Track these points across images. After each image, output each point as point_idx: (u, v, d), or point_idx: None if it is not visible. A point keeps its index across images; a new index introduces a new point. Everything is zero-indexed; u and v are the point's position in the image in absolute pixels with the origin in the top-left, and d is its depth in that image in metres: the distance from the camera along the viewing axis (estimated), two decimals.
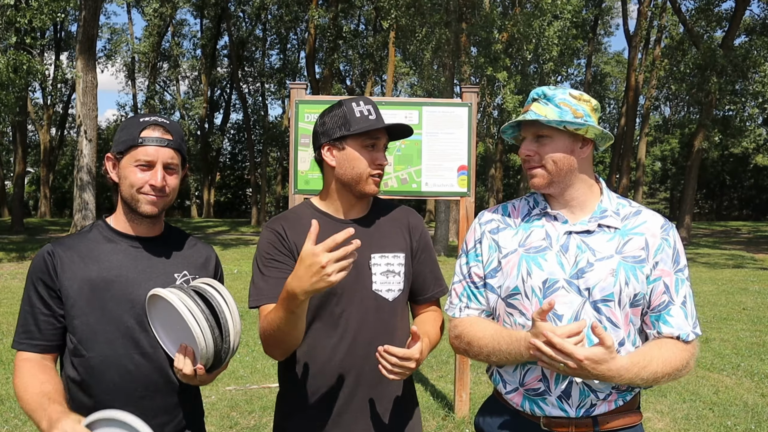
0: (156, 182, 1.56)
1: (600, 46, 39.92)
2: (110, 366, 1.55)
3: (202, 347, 1.45)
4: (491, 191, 29.03)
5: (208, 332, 1.46)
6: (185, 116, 38.06)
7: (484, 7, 18.34)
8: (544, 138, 1.58)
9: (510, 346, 1.53)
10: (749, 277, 12.73)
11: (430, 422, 4.29)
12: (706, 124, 20.20)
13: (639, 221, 1.59)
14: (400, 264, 1.74)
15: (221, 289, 1.54)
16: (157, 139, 1.57)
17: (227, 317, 1.50)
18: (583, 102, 1.59)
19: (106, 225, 1.66)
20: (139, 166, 1.56)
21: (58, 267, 1.55)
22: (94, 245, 1.61)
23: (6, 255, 14.86)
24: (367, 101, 1.71)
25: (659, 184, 47.36)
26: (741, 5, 19.67)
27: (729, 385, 5.23)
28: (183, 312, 1.44)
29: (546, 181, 1.59)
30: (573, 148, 1.58)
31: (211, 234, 22.87)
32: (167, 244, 1.69)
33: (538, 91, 1.62)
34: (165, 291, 1.49)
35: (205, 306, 1.48)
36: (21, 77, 13.43)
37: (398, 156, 4.03)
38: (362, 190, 1.70)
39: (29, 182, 39.84)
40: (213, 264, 1.76)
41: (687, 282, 1.58)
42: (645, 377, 1.45)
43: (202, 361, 1.48)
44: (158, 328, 1.58)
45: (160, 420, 1.60)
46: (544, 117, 1.55)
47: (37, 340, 1.57)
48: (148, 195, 1.57)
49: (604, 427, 1.54)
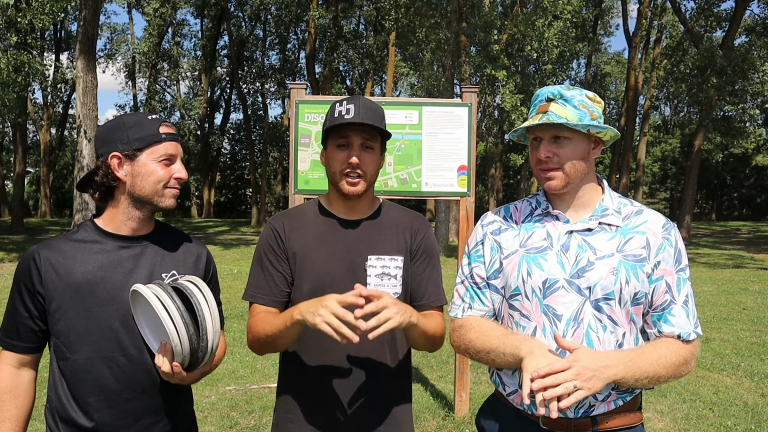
0: (183, 175, 1.63)
1: (600, 46, 39.92)
2: (95, 368, 1.55)
3: (177, 345, 1.43)
4: (491, 191, 29.02)
5: (183, 330, 1.42)
6: (185, 116, 38.07)
7: (484, 7, 18.35)
8: (563, 140, 1.56)
9: (508, 349, 1.52)
10: (749, 277, 12.73)
11: (430, 422, 4.29)
12: (706, 124, 20.20)
13: (640, 220, 1.60)
14: (398, 267, 1.72)
15: (203, 286, 1.51)
16: (173, 135, 1.63)
17: (205, 315, 1.46)
18: (596, 104, 1.60)
19: (94, 225, 1.64)
20: (162, 162, 1.60)
21: (42, 270, 1.55)
22: (81, 246, 1.60)
23: (6, 255, 14.86)
24: (353, 100, 1.67)
25: (659, 184, 47.35)
26: (741, 5, 19.66)
27: (729, 385, 5.23)
28: (157, 308, 1.42)
29: (563, 183, 1.58)
30: (588, 150, 1.59)
31: (211, 234, 22.87)
32: (156, 243, 1.67)
33: (553, 90, 1.59)
34: (143, 287, 1.47)
35: (182, 303, 1.44)
36: (22, 77, 13.43)
37: (398, 156, 4.04)
38: (341, 190, 1.69)
39: (29, 182, 39.85)
40: (204, 262, 1.74)
41: (688, 281, 1.58)
42: (642, 369, 1.45)
43: (178, 359, 1.46)
44: (143, 326, 1.56)
45: (146, 421, 1.61)
46: (565, 119, 1.54)
47: (17, 341, 1.60)
48: (173, 188, 1.62)
49: (603, 426, 1.54)
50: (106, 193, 1.62)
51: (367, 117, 1.64)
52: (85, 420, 1.56)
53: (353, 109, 1.64)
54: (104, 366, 1.55)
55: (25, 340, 1.60)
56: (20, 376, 1.62)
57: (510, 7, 19.06)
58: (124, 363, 1.57)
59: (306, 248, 1.72)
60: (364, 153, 1.68)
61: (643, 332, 1.60)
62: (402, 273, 1.73)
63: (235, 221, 32.33)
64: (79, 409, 1.56)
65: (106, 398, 1.56)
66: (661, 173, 45.62)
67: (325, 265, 1.70)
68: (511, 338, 1.54)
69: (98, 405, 1.56)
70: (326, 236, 1.73)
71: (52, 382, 1.60)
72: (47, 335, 1.61)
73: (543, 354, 1.44)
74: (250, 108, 34.52)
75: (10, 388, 1.59)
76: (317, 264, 1.70)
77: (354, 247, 1.71)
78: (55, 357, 1.59)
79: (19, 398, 1.60)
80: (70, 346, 1.55)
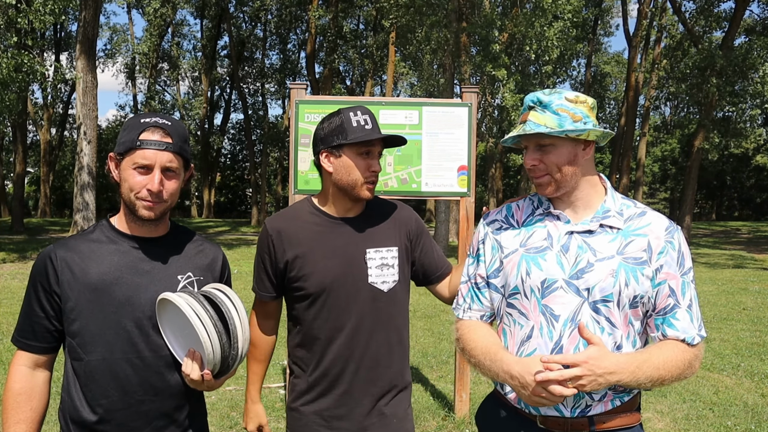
0: (153, 187, 1.52)
1: (600, 46, 39.91)
2: (109, 369, 1.54)
3: (209, 353, 1.45)
4: (491, 191, 29.01)
5: (216, 338, 1.46)
6: (185, 116, 38.06)
7: (484, 7, 18.35)
8: (546, 147, 1.57)
9: (493, 365, 1.56)
10: (749, 277, 12.73)
11: (430, 422, 4.29)
12: (706, 124, 20.20)
13: (643, 222, 1.58)
14: (394, 257, 1.86)
15: (231, 295, 1.53)
16: (155, 142, 1.52)
17: (236, 323, 1.49)
18: (579, 104, 1.57)
19: (110, 225, 1.63)
20: (137, 170, 1.52)
21: (59, 270, 1.54)
22: (96, 246, 1.58)
23: (6, 255, 14.86)
24: (365, 111, 1.80)
25: (659, 184, 47.34)
26: (741, 5, 19.65)
27: (729, 385, 5.23)
28: (191, 317, 1.43)
29: (553, 188, 1.60)
30: (576, 153, 1.58)
31: (211, 234, 22.88)
32: (171, 244, 1.65)
33: (532, 97, 1.60)
34: (174, 296, 1.48)
35: (214, 312, 1.48)
36: (23, 77, 13.44)
37: (398, 156, 4.04)
38: (357, 195, 1.81)
39: (29, 182, 39.84)
40: (220, 265, 1.73)
41: (692, 284, 1.57)
42: (646, 374, 1.45)
43: (209, 366, 1.49)
44: (168, 332, 1.57)
45: (159, 423, 1.60)
46: (544, 126, 1.54)
47: (32, 341, 1.58)
48: (144, 200, 1.53)
49: (600, 426, 1.54)
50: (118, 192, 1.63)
51: (379, 128, 1.81)
52: (97, 421, 1.55)
53: (370, 121, 1.79)
54: (118, 367, 1.54)
55: (41, 340, 1.58)
56: (35, 377, 1.60)
57: (510, 7, 19.05)
58: (139, 365, 1.56)
59: (305, 249, 1.81)
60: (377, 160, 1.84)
61: (642, 335, 1.59)
62: (398, 262, 1.87)
63: (235, 221, 32.33)
64: (91, 410, 1.54)
65: (120, 399, 1.55)
66: (661, 173, 45.62)
67: (325, 262, 1.79)
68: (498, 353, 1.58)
69: (111, 406, 1.54)
70: (324, 234, 1.83)
71: (66, 383, 1.59)
72: (63, 335, 1.59)
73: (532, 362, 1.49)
74: (250, 108, 34.54)
75: (26, 389, 1.57)
76: (318, 262, 1.80)
77: (352, 242, 1.82)
78: (69, 357, 1.58)
79: (34, 400, 1.58)
80: (85, 346, 1.54)
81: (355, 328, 1.80)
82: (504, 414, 1.66)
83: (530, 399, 1.46)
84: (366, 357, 1.81)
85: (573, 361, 1.40)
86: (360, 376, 1.81)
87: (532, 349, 1.56)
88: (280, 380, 5.24)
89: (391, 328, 1.85)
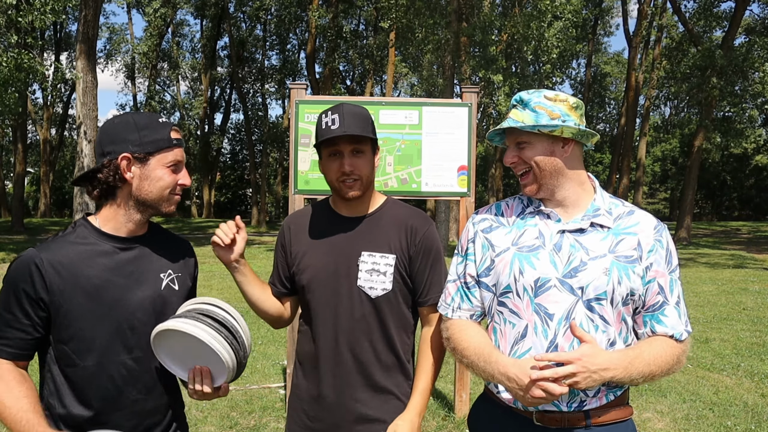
0: (187, 182, 1.64)
1: (600, 46, 39.91)
2: (105, 372, 1.54)
3: (230, 369, 1.54)
4: (491, 191, 29.01)
5: (230, 349, 1.53)
6: (185, 116, 38.08)
7: (484, 8, 18.35)
8: (523, 144, 1.61)
9: (487, 366, 1.58)
10: (749, 277, 12.73)
11: (430, 422, 4.29)
12: (706, 124, 20.20)
13: (632, 221, 1.61)
14: (388, 264, 1.80)
15: (217, 302, 1.60)
16: (180, 141, 1.64)
17: (237, 328, 1.57)
18: (559, 102, 1.59)
19: (91, 226, 1.60)
20: (170, 167, 1.60)
21: (46, 276, 1.49)
22: (82, 249, 1.55)
23: (6, 255, 14.86)
24: (336, 110, 1.74)
25: (659, 184, 47.35)
26: (741, 5, 19.66)
27: (729, 385, 5.23)
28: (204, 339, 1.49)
29: (536, 188, 1.62)
30: (553, 150, 1.59)
31: (211, 234, 22.84)
32: (151, 243, 1.67)
33: (516, 97, 1.65)
34: (175, 323, 1.50)
35: (221, 327, 1.54)
36: (24, 77, 13.44)
37: (398, 156, 4.04)
38: (339, 194, 1.82)
39: (29, 182, 39.84)
40: (193, 261, 1.80)
41: (679, 281, 1.61)
42: (638, 370, 1.48)
43: (229, 376, 1.57)
44: (163, 356, 1.59)
45: (150, 421, 1.62)
46: (521, 123, 1.58)
47: (10, 348, 1.51)
48: (177, 195, 1.64)
49: (596, 420, 1.56)
50: (107, 191, 1.58)
51: (353, 125, 1.71)
52: (94, 424, 1.54)
53: (338, 119, 1.71)
54: (114, 369, 1.55)
55: (19, 347, 1.52)
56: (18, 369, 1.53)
57: (510, 7, 19.05)
58: (132, 365, 1.57)
59: (307, 245, 1.87)
60: (355, 159, 1.76)
61: (634, 331, 1.62)
62: (393, 270, 1.80)
63: None
64: (88, 414, 1.54)
65: (115, 401, 1.56)
66: (661, 173, 45.62)
67: (322, 258, 1.83)
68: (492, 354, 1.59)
69: (107, 408, 1.55)
70: (327, 233, 1.86)
71: (52, 389, 1.55)
72: (41, 344, 1.54)
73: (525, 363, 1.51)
74: (250, 108, 34.52)
75: (14, 375, 1.50)
76: (315, 258, 1.84)
77: (350, 243, 1.83)
78: (56, 364, 1.54)
79: (25, 384, 1.51)
80: (80, 352, 1.52)
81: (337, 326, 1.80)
82: (498, 414, 1.66)
83: (527, 399, 1.47)
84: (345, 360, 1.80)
85: (567, 359, 1.42)
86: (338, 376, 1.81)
87: (526, 348, 1.57)
88: (280, 380, 5.24)
89: (375, 337, 1.80)
